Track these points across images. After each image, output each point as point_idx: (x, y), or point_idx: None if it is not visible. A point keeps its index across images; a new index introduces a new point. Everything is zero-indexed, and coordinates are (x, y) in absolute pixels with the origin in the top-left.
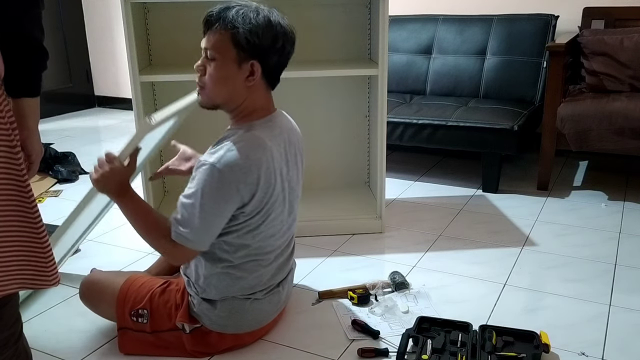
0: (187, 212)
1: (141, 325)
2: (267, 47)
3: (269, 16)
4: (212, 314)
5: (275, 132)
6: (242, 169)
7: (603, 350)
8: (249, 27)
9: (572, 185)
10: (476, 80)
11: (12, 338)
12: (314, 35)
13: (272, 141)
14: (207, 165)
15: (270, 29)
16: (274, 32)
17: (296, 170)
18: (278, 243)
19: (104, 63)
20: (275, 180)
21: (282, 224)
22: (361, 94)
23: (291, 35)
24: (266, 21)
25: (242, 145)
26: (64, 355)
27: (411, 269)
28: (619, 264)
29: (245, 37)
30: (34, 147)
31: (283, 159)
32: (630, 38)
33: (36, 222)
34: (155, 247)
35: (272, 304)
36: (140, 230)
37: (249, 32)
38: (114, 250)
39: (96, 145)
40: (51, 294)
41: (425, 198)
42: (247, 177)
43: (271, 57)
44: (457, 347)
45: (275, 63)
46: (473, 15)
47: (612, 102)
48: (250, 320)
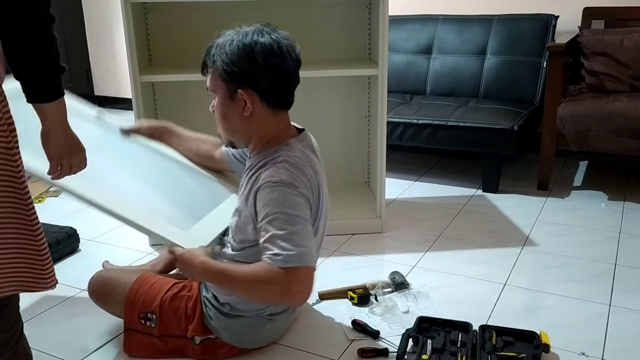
0: (283, 232)
1: (149, 328)
2: (247, 71)
3: (242, 40)
4: (231, 330)
5: (311, 149)
6: (302, 180)
7: (603, 350)
8: (222, 57)
9: (572, 185)
10: (476, 80)
11: (11, 339)
12: (314, 35)
13: (312, 158)
14: (273, 184)
15: (245, 52)
16: (250, 53)
17: (325, 181)
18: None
19: (104, 63)
20: (321, 195)
21: (320, 241)
22: (361, 94)
23: (278, 48)
24: (239, 45)
25: (292, 161)
26: (64, 355)
27: (411, 269)
28: (619, 264)
29: (223, 68)
30: (48, 150)
31: (322, 176)
32: (630, 38)
33: (33, 225)
34: (270, 296)
35: (288, 320)
36: (244, 288)
37: (224, 62)
38: (114, 250)
39: None
40: (51, 294)
41: (425, 198)
42: (308, 187)
43: (259, 79)
44: (457, 347)
45: (268, 83)
46: (473, 15)
47: (612, 102)
48: (267, 337)
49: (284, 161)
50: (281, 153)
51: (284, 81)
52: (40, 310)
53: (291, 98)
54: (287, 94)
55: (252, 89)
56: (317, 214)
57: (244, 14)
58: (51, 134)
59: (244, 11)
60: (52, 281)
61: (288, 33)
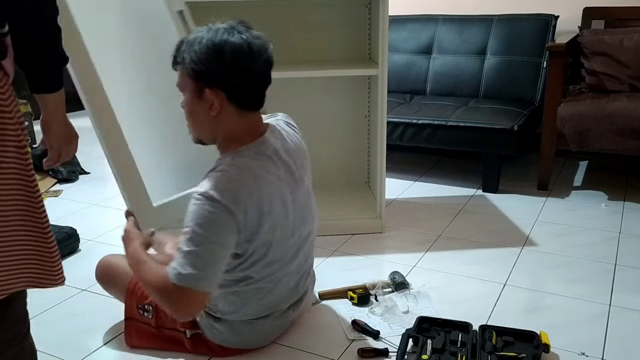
0: (187, 250)
1: (147, 319)
2: (215, 70)
3: (212, 39)
4: (214, 329)
5: (267, 155)
6: (232, 195)
7: (603, 350)
8: (191, 55)
9: (572, 185)
10: (476, 80)
11: (19, 336)
12: (314, 35)
13: (264, 166)
14: (197, 196)
15: (214, 51)
16: (219, 53)
17: (303, 189)
18: (286, 269)
19: None
20: (271, 207)
21: (289, 250)
22: (361, 94)
23: (248, 48)
24: (209, 44)
25: (230, 173)
26: (64, 355)
27: (411, 269)
28: (619, 264)
29: (192, 67)
30: (48, 141)
31: (284, 182)
32: (630, 38)
33: (43, 222)
34: (159, 301)
35: (277, 327)
36: (145, 286)
37: (192, 60)
38: (113, 250)
39: (96, 145)
40: (51, 294)
41: (425, 198)
42: (237, 202)
43: (227, 79)
44: (457, 347)
45: (237, 84)
46: (473, 15)
47: (612, 102)
48: (250, 341)
49: (222, 171)
50: (225, 161)
51: (254, 82)
52: (40, 310)
53: (261, 99)
54: (257, 95)
55: (220, 89)
56: (258, 226)
57: (244, 14)
58: (53, 123)
59: (244, 11)
60: (60, 277)
61: (261, 32)
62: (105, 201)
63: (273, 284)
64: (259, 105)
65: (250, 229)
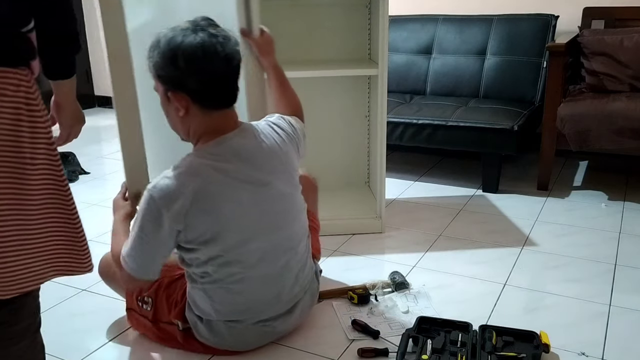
0: (131, 239)
1: (145, 311)
2: (174, 75)
3: (168, 43)
4: (197, 327)
5: (223, 155)
6: (169, 195)
7: (603, 350)
8: (152, 59)
9: (572, 185)
10: (476, 80)
11: (32, 327)
12: (314, 35)
13: (217, 166)
14: (145, 191)
15: (169, 56)
16: (173, 58)
17: (270, 191)
18: (250, 273)
19: (104, 63)
20: (218, 207)
21: (251, 253)
22: (361, 94)
23: (202, 50)
24: (164, 50)
25: (176, 172)
26: (64, 355)
27: (411, 269)
28: (619, 264)
29: (155, 72)
30: (62, 122)
31: (241, 182)
32: (630, 38)
33: (72, 212)
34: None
35: (257, 336)
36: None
37: (153, 65)
38: None
39: (96, 145)
40: (51, 294)
41: (425, 198)
42: (173, 203)
43: (187, 83)
44: (457, 347)
45: (197, 86)
46: (473, 15)
47: (612, 102)
48: (232, 343)
49: (174, 169)
50: (183, 159)
51: (214, 82)
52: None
53: (227, 97)
54: (220, 94)
55: (182, 91)
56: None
57: None
58: (66, 105)
59: None
60: (89, 264)
61: (222, 28)
62: (105, 201)
63: (236, 285)
64: (227, 103)
65: (194, 228)
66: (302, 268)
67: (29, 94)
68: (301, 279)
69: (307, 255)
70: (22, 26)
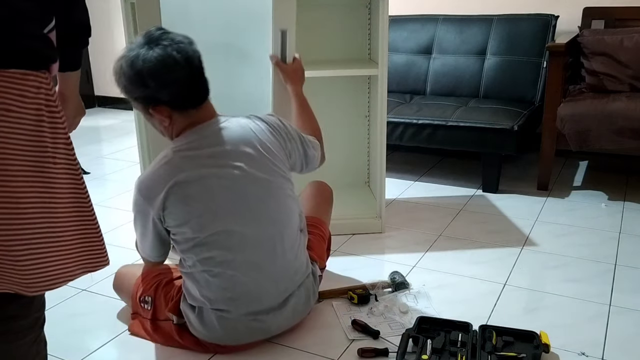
0: (135, 227)
1: (145, 311)
2: (146, 94)
3: (130, 66)
4: (190, 319)
5: (194, 142)
6: (148, 187)
7: (603, 350)
8: (121, 86)
9: (572, 185)
10: (476, 80)
11: (38, 322)
12: (314, 35)
13: (186, 154)
14: (134, 185)
15: (135, 80)
16: (140, 80)
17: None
18: (230, 258)
19: (104, 63)
20: (190, 191)
21: (230, 241)
22: (361, 94)
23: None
24: (130, 75)
25: (154, 165)
26: (64, 355)
27: (411, 269)
28: (619, 264)
29: (129, 96)
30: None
31: (209, 167)
32: (630, 38)
33: (90, 209)
34: None
35: (246, 330)
36: None
37: (124, 91)
38: (114, 250)
39: (96, 145)
40: (51, 294)
41: (425, 198)
42: (152, 193)
43: (160, 96)
44: (457, 347)
45: (170, 97)
46: (473, 15)
47: (612, 102)
48: (223, 336)
49: (153, 161)
50: (162, 152)
51: (184, 88)
52: None
53: (199, 94)
54: (193, 94)
55: (160, 104)
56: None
57: None
58: (71, 97)
59: None
60: (107, 258)
61: (175, 34)
62: (105, 201)
63: (217, 269)
64: (202, 99)
65: (170, 213)
66: (292, 260)
67: (49, 96)
68: (290, 271)
69: (299, 249)
70: (45, 25)
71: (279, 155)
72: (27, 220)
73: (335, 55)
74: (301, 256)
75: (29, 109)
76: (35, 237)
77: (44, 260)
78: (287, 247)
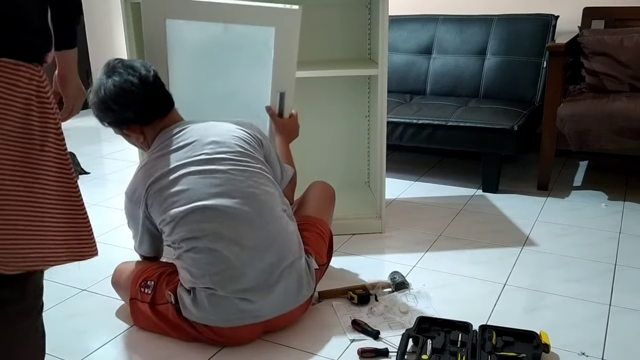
0: None
1: (145, 296)
2: (115, 119)
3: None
4: (185, 301)
5: (163, 143)
6: (132, 190)
7: (603, 350)
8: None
9: (572, 185)
10: (476, 80)
11: (35, 309)
12: (314, 35)
13: (157, 155)
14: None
15: (103, 108)
16: (107, 107)
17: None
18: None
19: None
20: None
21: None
22: (361, 94)
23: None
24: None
25: (136, 170)
26: (64, 355)
27: (411, 269)
28: (619, 264)
29: (103, 122)
30: (67, 93)
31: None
32: (630, 38)
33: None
34: None
35: (239, 313)
36: None
37: (99, 120)
38: (114, 250)
39: (96, 145)
40: (51, 294)
41: (425, 198)
42: (134, 196)
43: (128, 117)
44: (457, 347)
45: (136, 115)
46: (473, 15)
47: (612, 102)
48: (213, 316)
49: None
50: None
51: (145, 104)
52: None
53: (163, 105)
54: (157, 107)
55: (130, 124)
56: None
57: None
58: (70, 77)
59: None
60: (96, 248)
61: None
62: (105, 201)
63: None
64: (167, 108)
65: (151, 207)
66: (275, 235)
67: (40, 88)
68: (274, 245)
69: (284, 228)
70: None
71: (249, 142)
72: (8, 201)
73: (335, 55)
74: (287, 236)
75: (18, 98)
76: (14, 218)
77: (23, 241)
78: (267, 221)
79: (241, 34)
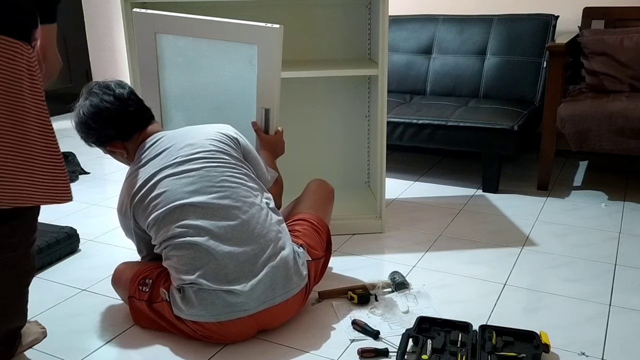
0: None
1: (143, 294)
2: (97, 137)
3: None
4: (176, 300)
5: (143, 154)
6: (120, 204)
7: (603, 350)
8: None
9: (572, 185)
10: (476, 80)
11: (28, 240)
12: (314, 35)
13: (138, 166)
14: None
15: (85, 128)
16: (88, 128)
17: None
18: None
19: (104, 63)
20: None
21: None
22: (361, 94)
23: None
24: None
25: (123, 184)
26: (64, 355)
27: (411, 269)
28: (619, 264)
29: (87, 142)
30: (47, 61)
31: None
32: (630, 38)
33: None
34: None
35: (227, 307)
36: None
37: (84, 140)
38: (114, 250)
39: None
40: (51, 294)
41: (425, 198)
42: (122, 208)
43: (109, 134)
44: (457, 347)
45: (116, 132)
46: (473, 15)
47: (612, 102)
48: (202, 311)
49: None
50: None
51: (123, 120)
52: (41, 310)
53: (140, 120)
54: (134, 122)
55: (112, 141)
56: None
57: (245, 14)
58: (50, 47)
59: (244, 11)
60: (70, 194)
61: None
62: (105, 201)
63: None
64: (145, 122)
65: (137, 214)
66: (255, 225)
67: (30, 64)
68: (255, 232)
69: (266, 217)
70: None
71: (223, 140)
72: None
73: (335, 55)
74: (269, 226)
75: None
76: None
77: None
78: (245, 212)
79: (228, 51)
